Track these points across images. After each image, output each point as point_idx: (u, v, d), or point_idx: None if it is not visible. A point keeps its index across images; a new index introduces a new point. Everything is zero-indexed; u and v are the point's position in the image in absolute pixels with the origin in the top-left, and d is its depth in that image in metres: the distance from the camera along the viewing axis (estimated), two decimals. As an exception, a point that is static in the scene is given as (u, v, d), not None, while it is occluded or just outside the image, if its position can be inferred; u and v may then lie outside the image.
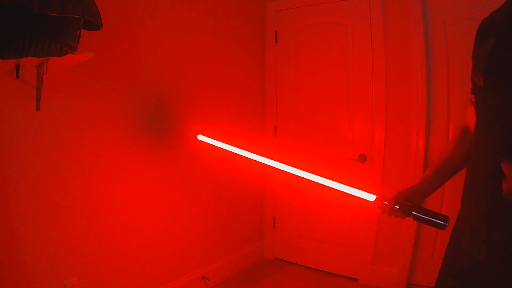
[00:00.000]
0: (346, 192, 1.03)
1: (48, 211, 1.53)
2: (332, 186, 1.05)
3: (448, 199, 2.13)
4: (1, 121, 1.36)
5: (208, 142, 1.47)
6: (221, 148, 1.38)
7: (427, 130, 2.16)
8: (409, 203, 0.96)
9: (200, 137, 1.51)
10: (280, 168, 1.15)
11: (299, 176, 1.11)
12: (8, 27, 1.06)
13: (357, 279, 2.47)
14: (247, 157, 1.26)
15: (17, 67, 1.35)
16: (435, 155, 2.14)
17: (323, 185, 1.06)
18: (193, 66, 2.15)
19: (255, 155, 1.24)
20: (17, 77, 1.36)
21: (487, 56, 0.75)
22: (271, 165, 1.18)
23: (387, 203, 0.98)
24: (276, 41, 2.69)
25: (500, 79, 0.72)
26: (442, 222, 0.91)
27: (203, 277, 2.29)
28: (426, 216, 0.93)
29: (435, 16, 2.10)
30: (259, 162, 1.22)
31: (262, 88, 2.76)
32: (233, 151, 1.32)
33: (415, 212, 0.94)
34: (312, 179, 1.08)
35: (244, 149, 1.28)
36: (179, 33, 2.04)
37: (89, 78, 1.63)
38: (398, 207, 0.96)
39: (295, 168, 1.12)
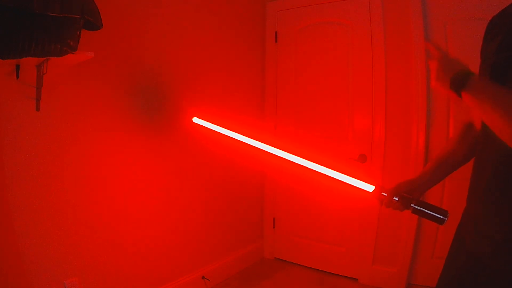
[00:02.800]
0: (345, 181, 1.00)
1: (48, 210, 1.53)
2: (330, 175, 1.02)
3: (448, 198, 2.13)
4: (1, 121, 1.36)
5: (205, 125, 1.45)
6: (219, 135, 1.36)
7: (427, 129, 2.16)
8: (408, 196, 0.95)
9: (195, 119, 1.49)
10: (278, 155, 1.12)
11: (298, 164, 1.08)
12: (8, 27, 1.06)
13: (357, 279, 2.46)
14: (244, 143, 1.24)
15: (17, 67, 1.35)
16: (436, 151, 2.14)
17: (322, 174, 1.03)
18: (193, 66, 2.15)
19: (252, 139, 1.21)
20: (17, 77, 1.36)
21: (494, 54, 0.75)
22: (269, 151, 1.15)
23: (386, 194, 0.96)
24: (276, 41, 2.69)
25: (506, 77, 0.72)
26: (441, 216, 0.88)
27: (203, 277, 2.29)
28: (425, 209, 0.91)
29: (435, 16, 2.10)
30: (258, 149, 1.19)
31: (262, 88, 2.75)
32: (229, 135, 1.30)
33: (414, 205, 0.92)
34: (311, 167, 1.05)
35: (243, 134, 1.26)
36: (179, 33, 2.04)
37: (89, 78, 1.63)
38: (397, 199, 0.94)
39: (294, 155, 1.09)
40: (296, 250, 2.74)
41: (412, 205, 0.93)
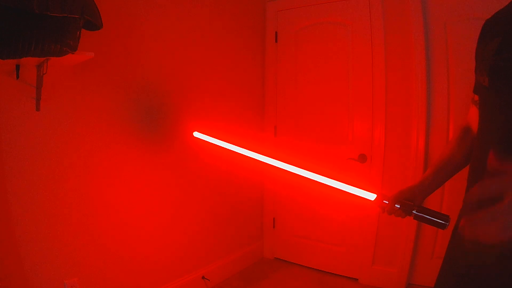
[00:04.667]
0: (347, 191, 1.02)
1: (48, 210, 1.53)
2: (332, 185, 1.04)
3: (448, 199, 2.13)
4: (1, 121, 1.36)
5: (205, 140, 1.46)
6: (218, 146, 1.37)
7: (427, 130, 2.16)
8: (410, 202, 0.96)
9: (196, 134, 1.50)
10: (279, 167, 1.14)
11: (299, 175, 1.10)
12: (8, 27, 1.06)
13: (357, 279, 2.47)
14: (245, 155, 1.25)
15: (17, 67, 1.35)
16: (436, 155, 2.15)
17: (324, 184, 1.05)
18: (193, 66, 2.15)
19: (253, 152, 1.23)
20: (17, 77, 1.36)
21: (492, 57, 0.75)
22: (269, 163, 1.17)
23: (387, 202, 0.97)
24: (276, 41, 2.69)
25: (505, 79, 0.72)
26: (443, 222, 0.90)
27: (203, 277, 2.29)
28: (427, 215, 0.92)
29: (435, 16, 2.10)
30: (258, 160, 1.21)
31: (262, 88, 2.76)
32: (230, 148, 1.32)
33: (416, 211, 0.94)
34: (313, 178, 1.07)
35: (242, 147, 1.27)
36: (179, 34, 2.04)
37: (89, 78, 1.63)
38: (398, 206, 0.95)
39: (295, 167, 1.11)
40: (296, 250, 2.74)
41: (414, 211, 0.94)
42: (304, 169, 1.09)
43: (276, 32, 2.68)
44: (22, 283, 1.46)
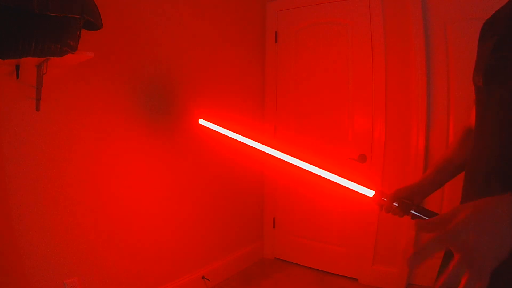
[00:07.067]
0: (344, 185, 1.01)
1: (48, 210, 1.53)
2: (330, 179, 1.03)
3: (448, 200, 2.13)
4: (1, 121, 1.36)
5: (210, 127, 1.47)
6: (220, 134, 1.38)
7: (427, 130, 2.16)
8: (408, 201, 0.95)
9: (201, 121, 1.52)
10: (280, 158, 1.14)
11: (298, 167, 1.09)
12: (8, 27, 1.06)
13: (357, 279, 2.46)
14: (246, 145, 1.25)
15: (17, 67, 1.35)
16: (436, 155, 2.15)
17: (321, 177, 1.04)
18: (193, 66, 2.15)
19: (254, 141, 1.23)
20: (17, 77, 1.36)
21: (487, 56, 0.75)
22: (270, 153, 1.17)
23: (385, 199, 0.96)
24: (276, 41, 2.69)
25: (498, 78, 0.72)
26: None
27: (203, 277, 2.29)
28: (425, 216, 0.91)
29: (435, 16, 2.10)
30: (259, 150, 1.21)
31: (262, 88, 2.76)
32: (233, 137, 1.32)
33: (414, 211, 0.92)
34: (311, 170, 1.06)
35: (246, 136, 1.27)
36: (179, 33, 2.04)
37: (89, 78, 1.63)
38: (397, 204, 0.94)
39: (295, 158, 1.10)
40: (296, 250, 2.74)
41: (412, 211, 0.92)
42: (303, 160, 1.08)
43: (276, 32, 2.68)
44: (22, 282, 1.46)
